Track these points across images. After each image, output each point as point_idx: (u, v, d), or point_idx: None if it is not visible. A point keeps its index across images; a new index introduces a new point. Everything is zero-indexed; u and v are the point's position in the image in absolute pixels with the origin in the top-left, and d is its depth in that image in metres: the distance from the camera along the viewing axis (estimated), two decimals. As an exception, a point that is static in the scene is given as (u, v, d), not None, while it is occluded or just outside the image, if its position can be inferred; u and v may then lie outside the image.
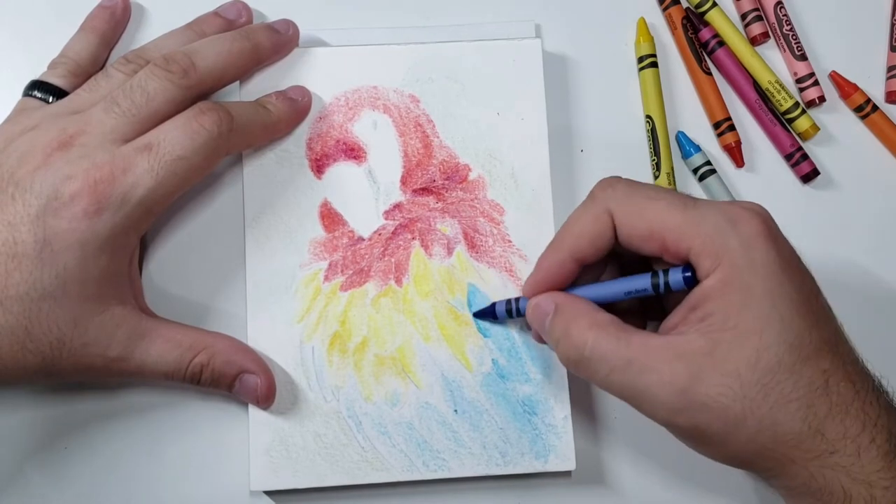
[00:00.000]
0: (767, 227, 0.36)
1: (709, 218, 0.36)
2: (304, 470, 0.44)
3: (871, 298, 0.49)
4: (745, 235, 0.35)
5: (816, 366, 0.35)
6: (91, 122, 0.41)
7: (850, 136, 0.51)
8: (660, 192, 0.38)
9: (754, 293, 0.35)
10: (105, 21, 0.48)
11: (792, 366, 0.34)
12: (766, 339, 0.34)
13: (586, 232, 0.39)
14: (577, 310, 0.38)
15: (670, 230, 0.36)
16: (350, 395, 0.44)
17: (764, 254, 0.35)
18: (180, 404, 0.46)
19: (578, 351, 0.37)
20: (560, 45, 0.50)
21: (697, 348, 0.35)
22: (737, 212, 0.36)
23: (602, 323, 0.37)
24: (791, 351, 0.34)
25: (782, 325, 0.34)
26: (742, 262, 0.35)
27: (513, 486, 0.46)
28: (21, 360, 0.39)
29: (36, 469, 0.45)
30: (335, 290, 0.45)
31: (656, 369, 0.35)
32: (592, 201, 0.39)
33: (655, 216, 0.37)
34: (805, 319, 0.35)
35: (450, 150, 0.47)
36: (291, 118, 0.46)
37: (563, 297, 0.40)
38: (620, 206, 0.38)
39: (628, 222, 0.38)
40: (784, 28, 0.51)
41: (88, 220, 0.39)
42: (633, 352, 0.36)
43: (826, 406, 0.34)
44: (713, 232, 0.36)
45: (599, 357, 0.36)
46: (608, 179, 0.40)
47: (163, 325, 0.43)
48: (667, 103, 0.50)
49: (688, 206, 0.37)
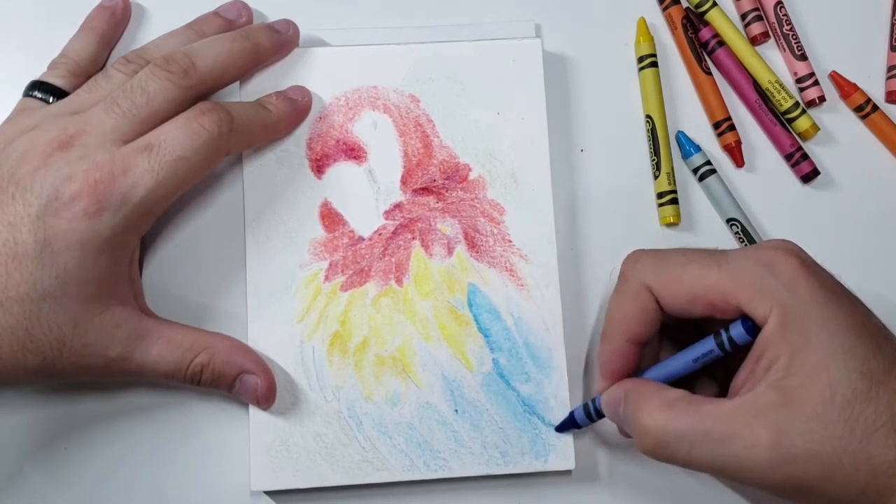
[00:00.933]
0: (803, 262, 0.36)
1: (745, 269, 0.36)
2: (304, 470, 0.44)
3: (872, 298, 0.49)
4: (785, 277, 0.35)
5: (891, 387, 0.34)
6: (91, 122, 0.41)
7: (850, 136, 0.51)
8: (688, 255, 0.38)
9: (811, 330, 0.34)
10: (105, 21, 0.48)
11: (867, 393, 0.34)
12: (835, 373, 0.34)
13: (632, 313, 0.39)
14: (643, 393, 0.37)
15: (712, 290, 0.36)
16: (350, 394, 0.44)
17: (808, 290, 0.35)
18: (180, 405, 0.46)
19: (653, 435, 0.36)
20: (560, 45, 0.50)
21: (771, 401, 0.34)
22: (770, 255, 0.36)
23: (670, 401, 0.36)
24: (863, 378, 0.34)
25: (847, 355, 0.34)
26: (791, 302, 0.35)
27: (513, 486, 0.46)
28: (21, 360, 0.39)
29: (36, 469, 0.45)
30: (335, 290, 0.45)
31: (737, 434, 0.34)
32: (625, 282, 0.39)
33: (693, 280, 0.37)
34: (867, 344, 0.35)
35: (450, 150, 0.47)
36: (291, 118, 0.46)
37: (630, 382, 0.39)
38: (656, 278, 0.38)
39: (669, 292, 0.38)
40: (784, 28, 0.51)
41: (89, 221, 0.39)
42: (709, 422, 0.35)
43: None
44: (754, 281, 0.35)
45: (676, 436, 0.35)
46: (633, 255, 0.39)
47: (163, 326, 0.43)
48: (667, 103, 0.50)
49: (721, 262, 0.37)
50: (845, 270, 0.49)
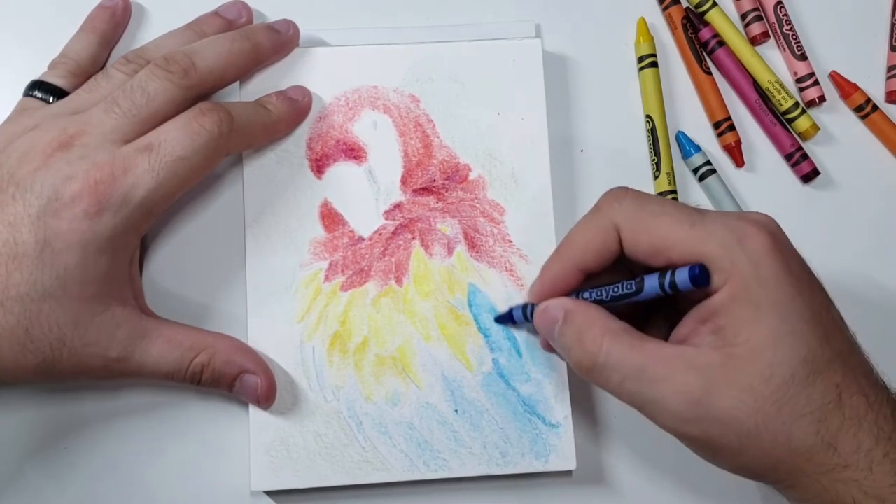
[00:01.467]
0: (775, 240, 0.36)
1: (715, 234, 0.36)
2: (304, 470, 0.44)
3: (872, 298, 0.49)
4: (752, 251, 0.35)
5: (829, 379, 0.34)
6: (91, 122, 0.41)
7: (850, 136, 0.51)
8: (666, 207, 0.38)
9: (765, 308, 0.35)
10: (105, 21, 0.48)
11: (805, 379, 0.34)
12: (780, 354, 0.34)
13: (592, 244, 0.39)
14: (589, 316, 0.38)
15: (676, 247, 0.36)
16: (350, 394, 0.44)
17: (772, 269, 0.35)
18: (180, 404, 0.46)
19: (592, 358, 0.37)
20: (560, 45, 0.50)
21: (711, 361, 0.35)
22: (744, 227, 0.36)
23: (615, 330, 0.37)
24: (804, 365, 0.34)
25: (794, 339, 0.34)
26: (751, 277, 0.35)
27: (513, 486, 0.46)
28: (21, 360, 0.39)
29: (36, 469, 0.45)
30: (335, 290, 0.45)
31: (670, 378, 0.35)
32: (598, 213, 0.39)
33: (661, 232, 0.37)
34: (817, 333, 0.35)
35: (450, 150, 0.47)
36: (292, 118, 0.46)
37: (573, 303, 0.39)
38: (627, 221, 0.38)
39: (634, 238, 0.37)
40: (784, 28, 0.51)
41: (89, 221, 0.39)
42: (647, 359, 0.36)
43: (839, 420, 0.34)
44: (720, 248, 0.35)
45: (613, 364, 0.36)
46: (615, 191, 0.39)
47: (163, 326, 0.43)
48: (667, 103, 0.50)
49: (695, 221, 0.36)
50: (845, 270, 0.49)
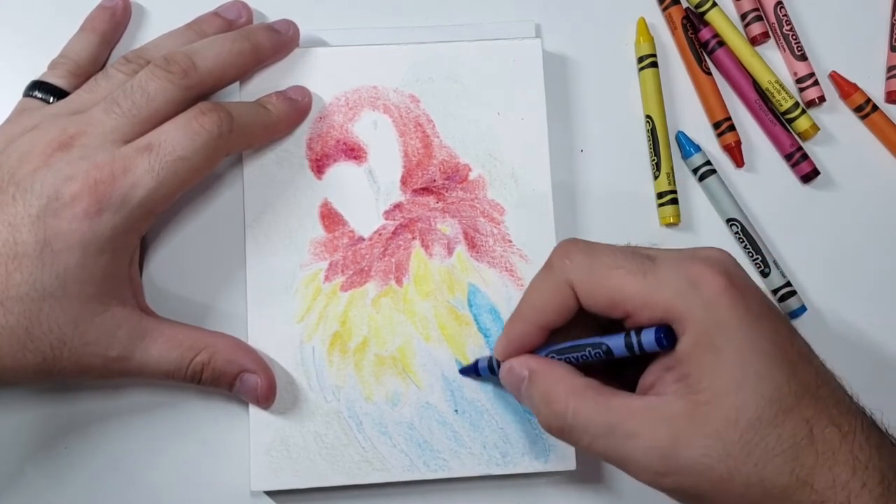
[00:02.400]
0: (730, 280, 0.35)
1: (668, 283, 0.35)
2: (304, 470, 0.44)
3: (871, 298, 0.49)
4: (707, 296, 0.35)
5: (799, 415, 0.34)
6: (91, 122, 0.41)
7: (850, 136, 0.51)
8: (617, 258, 0.37)
9: (725, 353, 0.34)
10: (105, 21, 0.48)
11: (773, 419, 0.33)
12: (744, 397, 0.34)
13: (549, 304, 0.38)
14: (553, 376, 0.38)
15: (631, 299, 0.36)
16: (350, 394, 0.44)
17: (730, 311, 0.35)
18: (181, 404, 0.46)
19: (560, 420, 0.37)
20: (560, 45, 0.50)
21: (677, 410, 0.34)
22: (696, 270, 0.35)
23: (580, 389, 0.37)
24: (770, 405, 0.34)
25: (758, 380, 0.34)
26: (708, 323, 0.34)
27: (513, 486, 0.46)
28: (21, 359, 0.39)
29: (36, 469, 0.45)
30: (335, 290, 0.45)
31: (639, 434, 0.35)
32: (551, 272, 0.38)
33: (615, 286, 0.36)
34: (782, 370, 0.34)
35: (450, 150, 0.47)
36: (291, 118, 0.46)
37: (538, 362, 0.39)
38: (580, 278, 0.37)
39: (589, 294, 0.37)
40: (784, 28, 0.51)
41: (89, 221, 0.39)
42: (614, 417, 0.35)
43: (812, 456, 0.33)
44: (675, 297, 0.35)
45: (581, 425, 0.36)
46: (564, 246, 0.39)
47: (164, 325, 0.43)
48: (667, 103, 0.50)
49: (646, 271, 0.36)
50: (845, 270, 0.49)
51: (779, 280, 0.48)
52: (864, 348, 0.48)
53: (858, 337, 0.48)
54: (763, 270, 0.48)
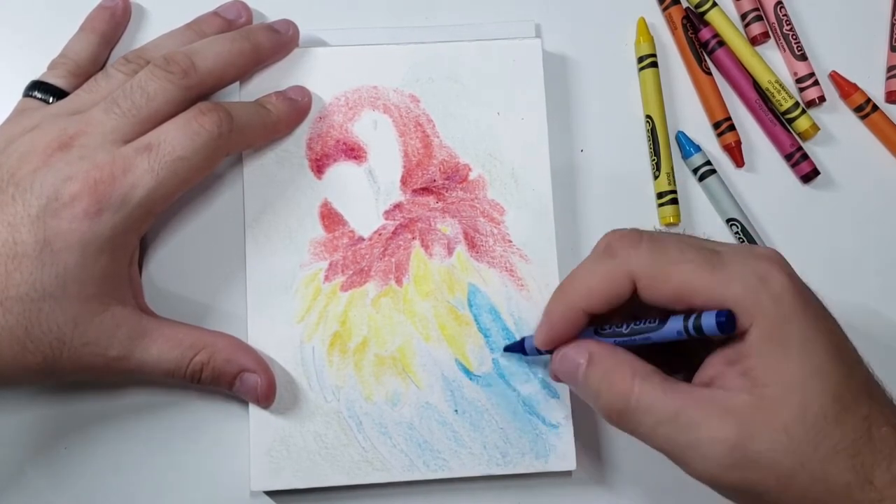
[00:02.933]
0: (791, 279, 0.36)
1: (738, 278, 0.35)
2: (304, 470, 0.44)
3: (871, 298, 0.49)
4: (775, 291, 0.35)
5: (858, 413, 0.34)
6: (91, 122, 0.41)
7: (850, 136, 0.51)
8: (685, 252, 0.37)
9: (792, 348, 0.34)
10: (105, 21, 0.48)
11: (836, 416, 0.34)
12: (811, 392, 0.34)
13: (602, 289, 0.37)
14: (616, 359, 0.37)
15: (699, 293, 0.36)
16: (350, 395, 0.44)
17: (794, 307, 0.35)
18: (181, 404, 0.46)
19: (623, 401, 0.36)
20: (560, 45, 0.50)
21: (744, 403, 0.34)
22: (763, 266, 0.36)
23: (645, 373, 0.36)
24: (834, 401, 0.34)
25: (822, 377, 0.34)
26: (776, 318, 0.35)
27: (513, 486, 0.46)
28: (21, 359, 0.39)
29: (36, 469, 0.45)
30: (335, 290, 0.45)
31: (705, 424, 0.34)
32: (612, 259, 0.37)
33: (683, 280, 0.36)
34: (841, 368, 0.35)
35: (450, 150, 0.47)
36: (291, 118, 0.46)
37: (597, 346, 0.38)
38: (645, 270, 0.37)
39: (654, 286, 0.37)
40: (784, 28, 0.51)
41: (89, 221, 0.39)
42: (681, 404, 0.35)
43: (872, 454, 0.34)
44: (744, 291, 0.35)
45: (646, 408, 0.35)
46: (630, 236, 0.38)
47: (163, 324, 0.43)
48: (667, 103, 0.50)
49: (715, 265, 0.36)
50: (845, 270, 0.49)
51: (779, 280, 0.48)
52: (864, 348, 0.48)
53: (858, 337, 0.48)
54: (763, 270, 0.48)
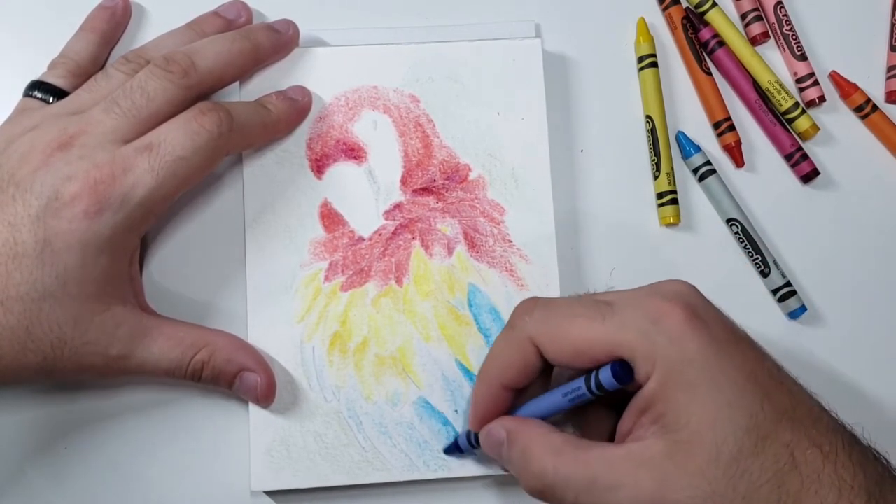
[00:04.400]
0: (691, 312, 0.35)
1: (630, 324, 0.35)
2: (304, 470, 0.44)
3: (871, 298, 0.49)
4: (670, 331, 0.34)
5: (778, 441, 0.33)
6: (91, 122, 0.41)
7: (850, 136, 0.51)
8: (575, 308, 0.37)
9: (696, 387, 0.34)
10: (105, 21, 0.48)
11: (753, 448, 0.33)
12: (721, 430, 0.33)
13: (512, 362, 0.38)
14: (529, 435, 0.37)
15: (595, 345, 0.35)
16: (350, 394, 0.44)
17: (695, 345, 0.34)
18: (181, 404, 0.46)
19: (541, 480, 0.36)
20: (560, 45, 0.50)
21: (657, 453, 0.34)
22: (656, 307, 0.35)
23: (558, 445, 0.36)
24: (749, 434, 0.33)
25: (733, 411, 0.33)
26: (675, 359, 0.34)
27: (513, 486, 0.46)
28: (22, 359, 0.39)
29: (36, 469, 0.45)
30: (335, 290, 0.45)
31: (622, 484, 0.34)
32: (512, 330, 0.38)
33: (578, 335, 0.36)
34: (754, 396, 0.34)
35: (450, 150, 0.47)
36: (292, 118, 0.46)
37: (512, 422, 0.38)
38: (541, 332, 0.37)
39: (553, 347, 0.37)
40: (784, 28, 0.51)
41: (89, 221, 0.39)
42: (595, 470, 0.34)
43: (797, 480, 0.33)
44: (638, 337, 0.35)
45: (563, 482, 0.35)
46: (524, 305, 0.39)
47: (164, 323, 0.43)
48: (667, 103, 0.50)
49: (606, 315, 0.36)
50: (845, 270, 0.49)
51: (779, 280, 0.48)
52: (864, 348, 0.48)
53: (858, 337, 0.49)
54: (763, 270, 0.48)
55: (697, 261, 0.49)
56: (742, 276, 0.49)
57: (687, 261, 0.49)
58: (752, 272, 0.49)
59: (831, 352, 0.48)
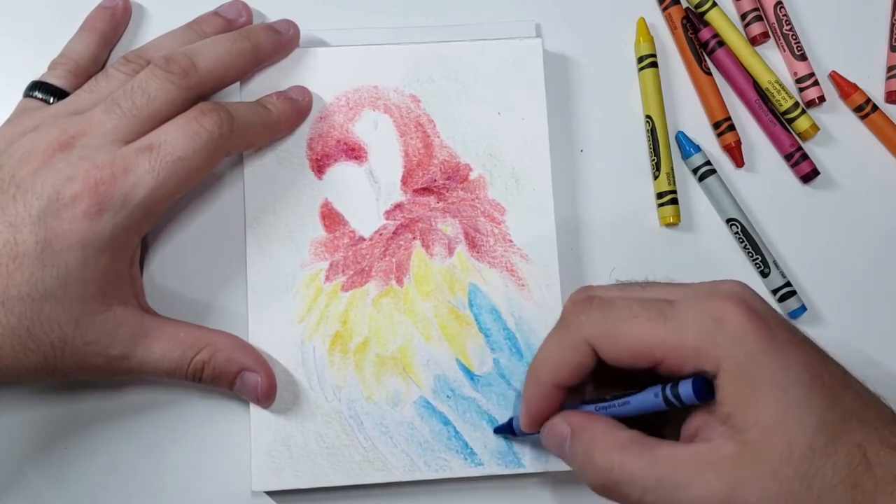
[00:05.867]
0: (752, 313, 0.35)
1: (692, 324, 0.35)
2: (305, 470, 0.44)
3: (871, 298, 0.49)
4: (733, 330, 0.34)
5: (850, 440, 0.33)
6: (92, 122, 0.41)
7: (850, 136, 0.51)
8: (634, 308, 0.36)
9: (763, 387, 0.33)
10: (105, 21, 0.48)
11: (825, 448, 0.32)
12: (792, 429, 0.33)
13: (565, 362, 0.37)
14: (595, 431, 0.36)
15: (657, 347, 0.35)
16: (351, 394, 0.44)
17: (758, 343, 0.34)
18: (181, 404, 0.46)
19: (605, 475, 0.35)
20: (560, 45, 0.51)
21: (727, 454, 0.33)
22: (717, 306, 0.35)
23: (624, 442, 0.35)
24: (819, 433, 0.32)
25: (801, 410, 0.33)
26: (740, 357, 0.34)
27: (513, 486, 0.46)
28: (23, 359, 0.39)
29: (36, 469, 0.45)
30: (336, 290, 0.45)
31: (690, 484, 0.33)
32: (567, 330, 0.38)
33: (637, 336, 0.35)
34: (822, 396, 0.33)
35: (450, 150, 0.47)
36: (292, 118, 0.46)
37: (579, 417, 0.38)
38: (598, 334, 0.36)
39: (611, 349, 0.36)
40: (784, 28, 0.51)
41: (89, 221, 0.39)
42: (663, 469, 0.34)
43: (872, 481, 0.32)
44: (702, 337, 0.34)
45: (629, 479, 0.34)
46: (579, 302, 0.38)
47: (165, 324, 0.43)
48: (667, 103, 0.50)
49: (667, 315, 0.35)
50: (845, 270, 0.49)
51: (779, 280, 0.48)
52: (864, 348, 0.48)
53: (858, 336, 0.49)
54: (763, 270, 0.48)
55: (697, 261, 0.49)
56: (742, 277, 0.48)
57: (687, 261, 0.49)
58: (752, 272, 0.49)
59: (831, 352, 0.48)
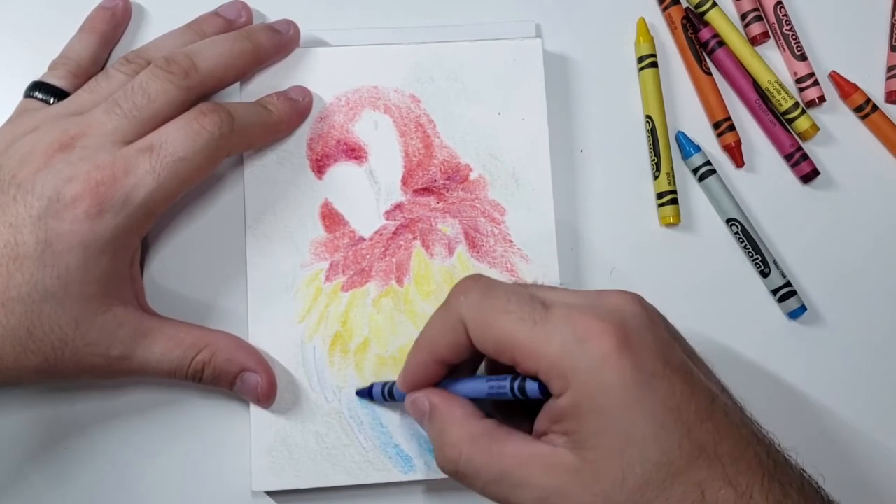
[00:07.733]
0: (622, 338, 0.34)
1: (556, 337, 0.34)
2: (305, 470, 0.44)
3: (871, 298, 0.49)
4: (594, 355, 0.33)
5: (690, 479, 0.32)
6: (92, 123, 0.41)
7: (850, 136, 0.51)
8: (510, 302, 0.36)
9: (609, 416, 0.33)
10: (105, 22, 0.48)
11: (661, 483, 0.32)
12: (630, 460, 0.33)
13: (442, 339, 0.38)
14: (450, 417, 0.37)
15: (517, 347, 0.35)
16: (351, 395, 0.44)
17: (617, 374, 0.33)
18: (181, 404, 0.46)
19: (452, 465, 0.37)
20: (560, 45, 0.51)
21: (566, 463, 0.34)
22: (587, 325, 0.34)
23: (474, 434, 0.36)
24: (658, 469, 0.33)
25: (645, 444, 0.33)
26: (592, 384, 0.33)
27: (514, 486, 0.46)
28: (23, 360, 0.39)
29: (36, 469, 0.45)
30: (336, 291, 0.45)
31: (528, 484, 0.34)
32: (447, 307, 0.38)
33: (503, 331, 0.35)
34: (673, 432, 0.33)
35: (450, 150, 0.47)
36: (292, 118, 0.46)
37: (439, 397, 0.38)
38: (471, 317, 0.37)
39: (479, 336, 0.36)
40: (784, 28, 0.51)
41: (90, 222, 0.39)
42: (506, 465, 0.35)
43: None
44: (560, 353, 0.34)
45: (473, 472, 0.36)
46: (464, 283, 0.38)
47: (165, 324, 0.43)
48: (667, 103, 0.50)
49: (537, 321, 0.35)
50: (845, 270, 0.49)
51: (779, 280, 0.48)
52: (864, 348, 0.49)
53: (858, 337, 0.49)
54: (763, 270, 0.48)
55: (697, 261, 0.49)
56: (742, 276, 0.49)
57: (687, 261, 0.49)
58: (752, 272, 0.49)
59: (831, 352, 0.48)
